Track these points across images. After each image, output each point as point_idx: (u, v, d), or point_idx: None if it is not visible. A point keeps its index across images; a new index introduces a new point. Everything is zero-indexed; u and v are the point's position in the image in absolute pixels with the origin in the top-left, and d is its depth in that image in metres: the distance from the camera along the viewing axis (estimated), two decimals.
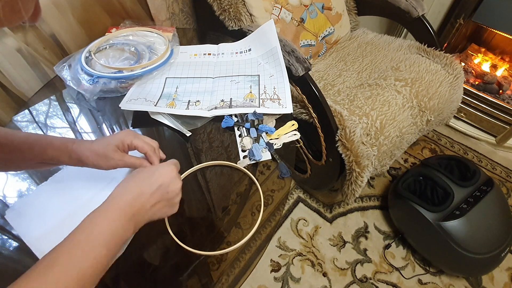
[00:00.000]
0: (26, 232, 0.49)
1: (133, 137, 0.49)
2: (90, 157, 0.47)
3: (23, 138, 0.48)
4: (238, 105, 0.68)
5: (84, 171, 0.53)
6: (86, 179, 0.56)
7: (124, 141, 0.48)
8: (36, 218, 0.51)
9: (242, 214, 0.56)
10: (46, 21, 0.78)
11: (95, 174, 0.53)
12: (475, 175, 1.01)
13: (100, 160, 0.47)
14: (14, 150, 0.47)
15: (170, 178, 0.43)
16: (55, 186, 0.56)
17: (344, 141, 0.84)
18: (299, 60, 0.80)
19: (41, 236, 0.48)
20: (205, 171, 0.61)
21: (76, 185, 0.56)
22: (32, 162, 0.49)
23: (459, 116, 1.50)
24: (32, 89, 0.81)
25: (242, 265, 0.51)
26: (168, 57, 0.77)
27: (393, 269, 1.08)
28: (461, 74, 1.03)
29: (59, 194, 0.55)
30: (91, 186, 0.55)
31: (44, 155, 0.47)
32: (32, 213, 0.52)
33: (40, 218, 0.51)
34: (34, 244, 0.48)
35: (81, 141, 0.49)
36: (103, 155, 0.47)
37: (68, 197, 0.54)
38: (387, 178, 1.34)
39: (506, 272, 1.08)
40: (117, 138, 0.48)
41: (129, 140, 0.49)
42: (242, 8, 0.92)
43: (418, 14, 1.07)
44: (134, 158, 0.50)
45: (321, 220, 1.20)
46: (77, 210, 0.51)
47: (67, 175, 0.58)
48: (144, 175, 0.43)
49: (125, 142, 0.48)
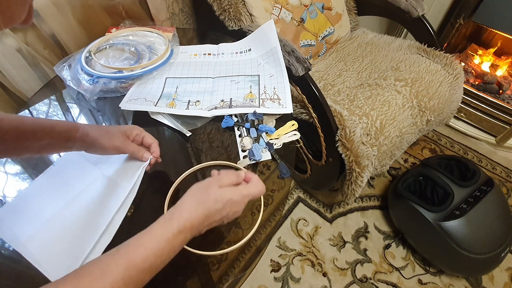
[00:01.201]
0: (13, 237, 0.48)
1: (139, 130, 0.54)
2: (96, 131, 0.50)
3: (33, 120, 0.50)
4: (238, 105, 0.68)
5: (71, 169, 0.55)
6: (72, 177, 0.56)
7: (132, 130, 0.53)
8: (21, 222, 0.50)
9: (242, 214, 0.56)
10: (46, 21, 0.78)
11: (80, 172, 0.54)
12: (475, 175, 1.01)
13: (104, 136, 0.50)
14: (27, 130, 0.48)
15: (236, 211, 0.42)
16: (39, 188, 0.55)
17: (344, 141, 0.84)
18: (299, 60, 0.80)
19: (28, 238, 0.48)
20: (205, 171, 0.61)
21: (62, 182, 0.55)
22: (42, 142, 0.49)
23: (459, 116, 1.50)
24: (32, 89, 0.81)
25: (242, 265, 0.51)
26: (168, 57, 0.77)
27: (393, 269, 1.08)
28: (461, 74, 1.03)
29: (44, 195, 0.54)
30: (77, 183, 0.55)
31: (52, 132, 0.49)
32: (16, 218, 0.51)
33: (26, 222, 0.50)
34: (23, 248, 0.47)
35: (88, 124, 0.54)
36: (107, 132, 0.51)
37: (55, 195, 0.54)
38: (387, 178, 1.34)
39: (506, 272, 1.08)
40: (125, 127, 0.53)
41: (135, 131, 0.53)
42: (242, 8, 0.92)
43: (418, 14, 1.07)
44: (134, 145, 0.52)
45: (321, 220, 1.20)
46: (64, 209, 0.51)
47: (52, 174, 0.57)
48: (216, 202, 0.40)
49: (132, 131, 0.53)
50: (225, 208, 0.41)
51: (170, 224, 0.37)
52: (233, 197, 0.41)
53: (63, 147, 0.51)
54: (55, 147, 0.51)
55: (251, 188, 0.44)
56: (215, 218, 0.40)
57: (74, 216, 0.50)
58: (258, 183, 0.44)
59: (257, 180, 0.45)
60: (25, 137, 0.47)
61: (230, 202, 0.41)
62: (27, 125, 0.48)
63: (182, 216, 0.38)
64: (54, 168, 0.58)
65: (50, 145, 0.50)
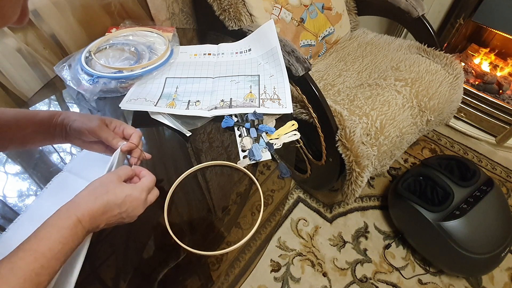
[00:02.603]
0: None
1: (120, 123, 0.52)
2: (75, 115, 0.51)
3: (15, 110, 0.50)
4: (238, 105, 0.68)
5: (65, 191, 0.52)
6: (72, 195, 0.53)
7: (111, 120, 0.52)
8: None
9: (242, 214, 0.56)
10: (46, 21, 0.78)
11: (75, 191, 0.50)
12: (475, 175, 1.01)
13: (82, 119, 0.50)
14: (10, 120, 0.48)
15: (136, 206, 0.43)
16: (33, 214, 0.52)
17: (344, 141, 0.84)
18: (299, 60, 0.80)
19: None
20: (205, 171, 0.61)
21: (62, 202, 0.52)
22: (26, 131, 0.49)
23: (459, 116, 1.50)
24: (32, 89, 0.81)
25: (242, 265, 0.51)
26: (168, 57, 0.77)
27: (393, 269, 1.08)
28: (461, 74, 1.03)
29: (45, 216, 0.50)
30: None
31: (34, 118, 0.49)
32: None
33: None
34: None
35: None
36: (86, 116, 0.51)
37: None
38: (387, 178, 1.34)
39: (506, 272, 1.08)
40: (106, 117, 0.52)
41: (115, 122, 0.52)
42: (242, 8, 0.92)
43: (418, 14, 1.07)
44: (110, 132, 0.50)
45: (321, 220, 1.20)
46: None
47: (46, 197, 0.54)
48: (116, 196, 0.41)
49: (112, 121, 0.51)
50: (125, 203, 0.41)
51: (68, 214, 0.37)
52: (132, 193, 0.42)
53: (46, 136, 0.51)
54: (38, 136, 0.51)
55: (144, 181, 0.45)
56: (113, 212, 0.41)
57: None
58: (149, 175, 0.47)
59: (147, 173, 0.47)
60: (8, 127, 0.47)
61: (129, 197, 0.42)
62: (9, 116, 0.48)
63: (80, 208, 0.38)
64: (46, 192, 0.55)
65: (33, 134, 0.50)
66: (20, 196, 0.56)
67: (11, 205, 0.54)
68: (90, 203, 0.39)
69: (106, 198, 0.40)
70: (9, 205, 0.54)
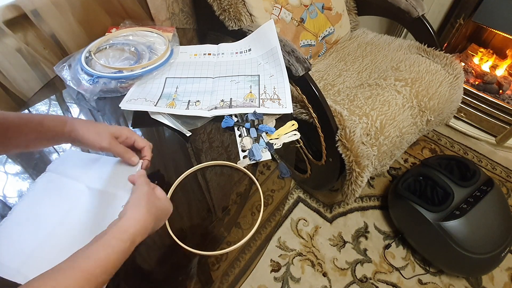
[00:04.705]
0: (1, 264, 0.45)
1: (130, 133, 0.52)
2: (84, 128, 0.49)
3: (18, 115, 0.50)
4: (238, 105, 0.68)
5: (48, 191, 0.52)
6: (53, 197, 0.52)
7: (121, 132, 0.51)
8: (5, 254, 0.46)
9: (242, 214, 0.56)
10: (46, 21, 0.78)
11: (60, 191, 0.51)
12: (475, 175, 1.01)
13: (92, 135, 0.49)
14: (11, 126, 0.47)
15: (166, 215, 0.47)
16: (19, 217, 0.50)
17: (344, 141, 0.84)
18: (299, 60, 0.80)
19: (21, 264, 0.45)
20: (205, 171, 0.61)
21: (43, 205, 0.51)
22: (29, 137, 0.48)
23: (459, 116, 1.50)
24: (32, 89, 0.81)
25: (242, 265, 0.51)
26: (168, 57, 0.77)
27: (393, 269, 1.08)
28: (461, 74, 1.03)
29: (27, 223, 0.49)
30: (60, 203, 0.51)
31: (40, 127, 0.48)
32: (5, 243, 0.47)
33: (14, 247, 0.47)
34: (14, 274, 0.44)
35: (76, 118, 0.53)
36: (96, 131, 0.49)
37: (39, 220, 0.50)
38: (387, 178, 1.34)
39: (506, 272, 1.08)
40: (114, 128, 0.51)
41: (125, 133, 0.51)
42: (242, 8, 0.92)
43: (418, 14, 1.07)
44: (122, 147, 0.51)
45: (321, 220, 1.20)
46: (53, 232, 0.48)
47: (31, 199, 0.53)
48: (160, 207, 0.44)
49: (122, 133, 0.51)
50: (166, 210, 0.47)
51: (126, 236, 0.38)
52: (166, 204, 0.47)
53: (51, 141, 0.52)
54: (43, 142, 0.51)
55: (160, 192, 0.48)
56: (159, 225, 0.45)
57: (68, 236, 0.47)
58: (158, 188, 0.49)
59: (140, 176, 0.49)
60: (9, 133, 0.47)
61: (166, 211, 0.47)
62: (10, 121, 0.47)
63: (136, 228, 0.39)
64: (31, 193, 0.53)
65: (38, 140, 0.49)
66: (20, 196, 0.56)
67: (11, 205, 0.54)
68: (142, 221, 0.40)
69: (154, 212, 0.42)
70: (9, 205, 0.54)
